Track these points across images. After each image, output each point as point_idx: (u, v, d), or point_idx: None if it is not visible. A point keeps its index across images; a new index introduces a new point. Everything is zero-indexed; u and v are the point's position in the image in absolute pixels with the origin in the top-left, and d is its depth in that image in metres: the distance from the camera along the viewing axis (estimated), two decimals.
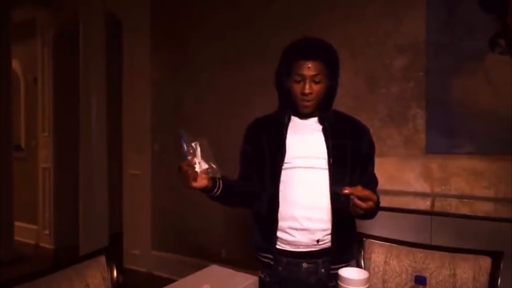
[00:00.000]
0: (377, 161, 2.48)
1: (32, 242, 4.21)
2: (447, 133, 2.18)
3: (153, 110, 3.41)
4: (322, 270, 1.24)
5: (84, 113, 3.16)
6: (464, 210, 2.04)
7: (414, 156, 2.29)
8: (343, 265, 1.23)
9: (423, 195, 2.24)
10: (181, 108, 3.25)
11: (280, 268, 1.26)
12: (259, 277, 1.28)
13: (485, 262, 1.15)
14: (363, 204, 1.06)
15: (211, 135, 2.99)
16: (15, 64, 4.25)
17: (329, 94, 1.27)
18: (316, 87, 1.21)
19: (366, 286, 1.00)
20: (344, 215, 1.21)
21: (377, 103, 2.41)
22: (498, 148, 2.06)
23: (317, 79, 1.20)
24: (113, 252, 1.22)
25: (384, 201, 2.23)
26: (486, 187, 2.11)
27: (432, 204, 2.03)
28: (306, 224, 1.21)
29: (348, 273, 1.02)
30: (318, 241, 1.22)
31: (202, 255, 3.02)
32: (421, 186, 2.27)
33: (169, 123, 3.33)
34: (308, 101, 1.22)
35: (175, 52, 3.29)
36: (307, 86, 1.19)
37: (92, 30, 3.19)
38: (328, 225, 1.22)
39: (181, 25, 3.24)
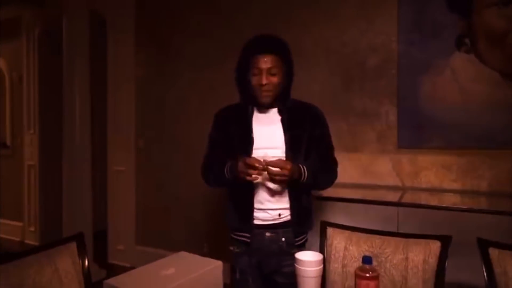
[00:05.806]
0: (352, 155, 2.56)
1: (17, 239, 4.21)
2: (418, 128, 2.27)
3: (137, 107, 3.46)
4: (283, 239, 1.41)
5: (67, 110, 3.19)
6: (433, 202, 2.12)
7: (386, 151, 2.38)
8: (304, 235, 1.47)
9: (395, 188, 2.32)
10: (164, 105, 3.30)
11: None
12: (230, 250, 1.46)
13: (435, 246, 1.23)
14: (274, 173, 1.25)
15: (193, 131, 3.06)
16: (1, 62, 4.26)
17: (286, 85, 1.38)
18: (272, 79, 1.33)
19: (320, 267, 1.07)
20: (299, 194, 1.41)
21: (352, 100, 2.49)
22: (465, 143, 2.15)
23: (273, 71, 1.33)
24: (83, 238, 1.26)
25: (358, 194, 2.31)
26: (453, 180, 2.20)
27: (401, 197, 2.11)
28: (268, 205, 1.40)
29: (304, 256, 1.09)
30: (280, 215, 1.40)
31: (185, 250, 3.05)
32: (393, 179, 2.35)
33: (153, 119, 3.37)
34: (267, 91, 1.34)
35: (158, 50, 3.35)
36: (264, 77, 1.31)
37: (76, 28, 3.22)
38: (286, 204, 1.40)
39: (165, 24, 3.29)
